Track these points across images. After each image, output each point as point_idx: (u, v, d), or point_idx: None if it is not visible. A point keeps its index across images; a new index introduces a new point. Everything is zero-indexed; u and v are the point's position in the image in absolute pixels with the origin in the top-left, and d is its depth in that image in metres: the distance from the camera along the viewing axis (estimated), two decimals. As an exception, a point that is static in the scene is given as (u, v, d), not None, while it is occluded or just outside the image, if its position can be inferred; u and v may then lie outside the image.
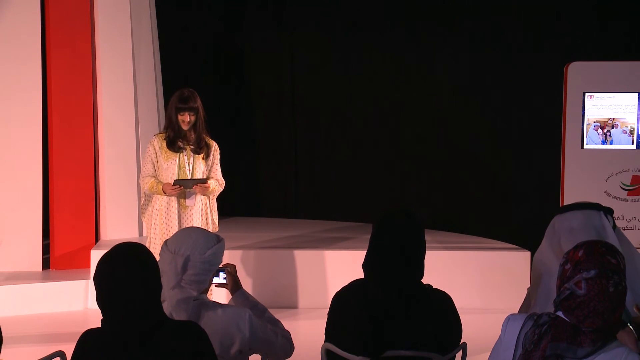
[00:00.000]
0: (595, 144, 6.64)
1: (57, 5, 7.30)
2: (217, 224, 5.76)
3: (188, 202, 5.60)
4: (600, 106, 6.62)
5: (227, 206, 9.09)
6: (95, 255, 6.72)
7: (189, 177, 5.56)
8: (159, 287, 2.58)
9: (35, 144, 7.21)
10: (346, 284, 3.18)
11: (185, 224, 5.57)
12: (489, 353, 2.56)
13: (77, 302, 6.78)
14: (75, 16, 7.35)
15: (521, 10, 8.69)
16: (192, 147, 5.61)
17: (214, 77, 9.72)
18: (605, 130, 6.63)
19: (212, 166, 5.70)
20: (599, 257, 2.34)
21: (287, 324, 3.28)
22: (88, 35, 7.41)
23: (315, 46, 9.54)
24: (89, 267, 6.89)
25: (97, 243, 7.36)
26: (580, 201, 3.37)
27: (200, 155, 5.62)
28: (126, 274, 2.49)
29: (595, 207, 3.29)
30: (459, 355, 3.14)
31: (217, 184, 5.69)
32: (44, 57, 7.30)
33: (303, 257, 6.92)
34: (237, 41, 9.86)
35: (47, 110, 7.34)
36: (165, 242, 3.07)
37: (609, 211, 3.29)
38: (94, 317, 2.88)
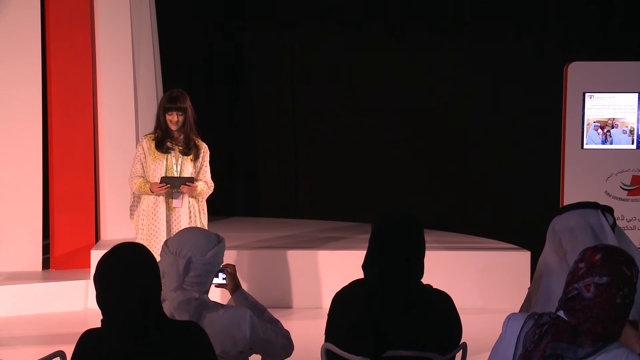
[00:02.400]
0: (595, 144, 6.63)
1: (57, 3, 7.30)
2: (206, 226, 5.68)
3: (175, 202, 5.54)
4: (600, 106, 6.62)
5: (227, 206, 9.13)
6: (95, 255, 6.72)
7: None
8: (158, 287, 2.58)
9: (35, 144, 7.21)
10: (340, 283, 3.19)
11: (173, 226, 5.52)
12: (489, 353, 2.56)
13: (77, 302, 6.78)
14: (75, 14, 7.35)
15: (521, 10, 8.69)
16: (180, 148, 5.55)
17: (214, 76, 9.71)
18: (605, 130, 6.62)
19: (201, 168, 5.63)
20: (614, 265, 2.32)
21: (283, 324, 3.29)
22: (88, 33, 7.41)
23: (315, 46, 9.54)
24: (89, 267, 6.89)
25: (97, 243, 7.36)
26: (578, 201, 3.38)
27: (189, 157, 5.55)
28: (126, 274, 2.49)
29: (593, 205, 3.29)
30: (459, 355, 3.14)
31: (205, 186, 5.62)
32: (44, 55, 7.30)
33: (298, 257, 6.93)
34: (237, 41, 9.86)
35: (47, 110, 7.34)
36: (166, 242, 3.07)
37: (607, 209, 3.29)
38: (94, 317, 2.89)
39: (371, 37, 9.25)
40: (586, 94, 6.61)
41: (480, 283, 6.82)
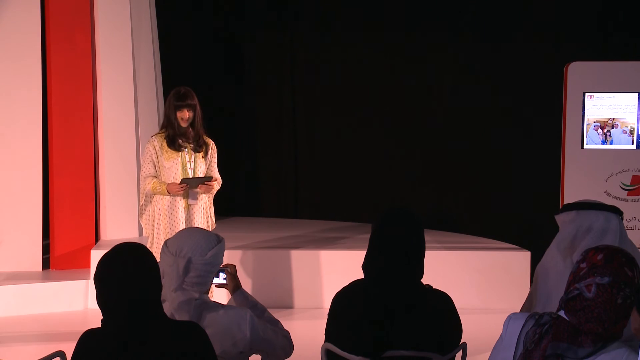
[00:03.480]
0: (595, 144, 6.63)
1: (57, 3, 7.30)
2: (214, 221, 5.82)
3: (191, 200, 5.62)
4: (600, 106, 6.62)
5: (227, 206, 9.12)
6: (95, 255, 6.72)
7: (191, 176, 5.57)
8: (159, 287, 2.58)
9: (35, 143, 7.21)
10: (341, 283, 3.19)
11: (189, 223, 5.58)
12: (489, 353, 2.56)
13: (77, 302, 6.78)
14: (75, 14, 7.34)
15: (521, 10, 8.69)
16: (192, 145, 5.62)
17: (214, 76, 9.71)
18: (605, 130, 6.62)
19: (210, 164, 5.73)
20: (617, 266, 2.32)
21: (283, 324, 3.29)
22: (88, 33, 7.41)
23: (316, 45, 9.54)
24: (89, 267, 6.89)
25: (97, 243, 7.36)
26: (597, 201, 3.39)
27: (200, 153, 5.64)
28: (126, 274, 2.49)
29: (615, 210, 3.30)
30: (459, 355, 3.14)
31: (216, 182, 5.72)
32: (44, 55, 7.30)
33: (298, 257, 6.93)
34: (237, 40, 9.86)
35: (47, 110, 7.34)
36: (166, 242, 3.06)
37: (621, 214, 3.32)
38: (94, 317, 2.89)
39: (371, 36, 9.25)
40: (586, 94, 6.61)
41: (480, 283, 6.82)
